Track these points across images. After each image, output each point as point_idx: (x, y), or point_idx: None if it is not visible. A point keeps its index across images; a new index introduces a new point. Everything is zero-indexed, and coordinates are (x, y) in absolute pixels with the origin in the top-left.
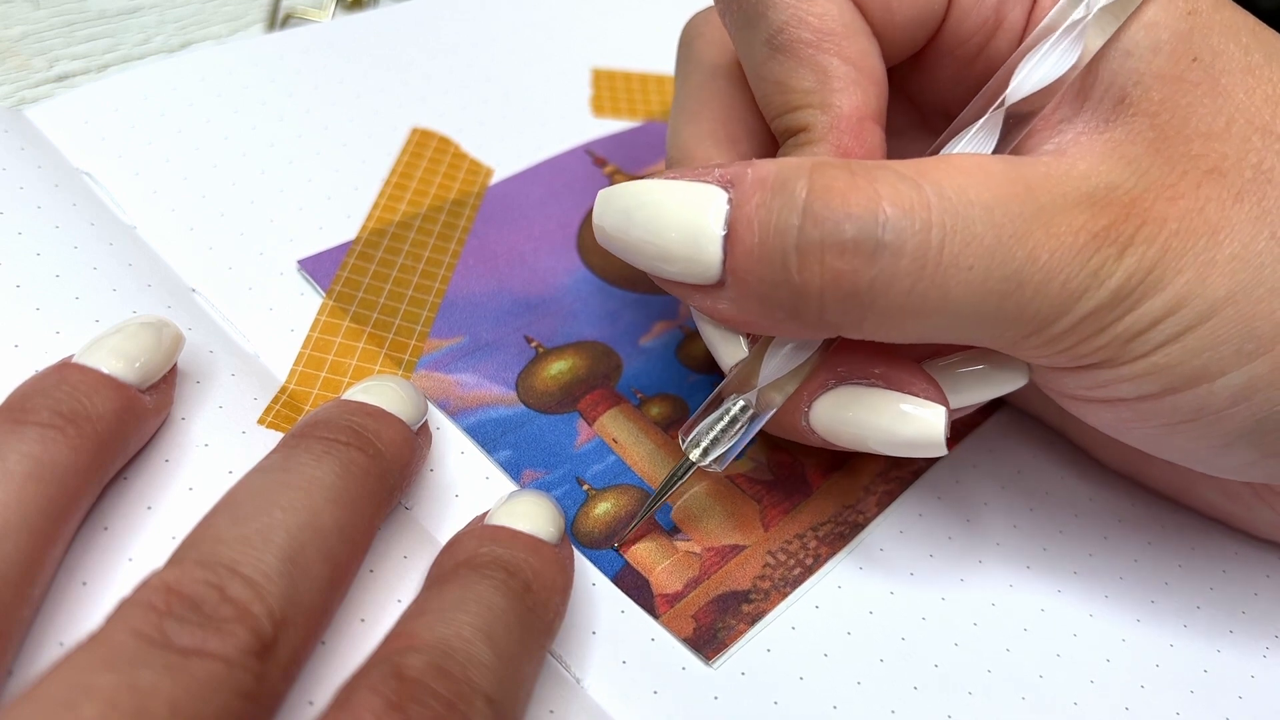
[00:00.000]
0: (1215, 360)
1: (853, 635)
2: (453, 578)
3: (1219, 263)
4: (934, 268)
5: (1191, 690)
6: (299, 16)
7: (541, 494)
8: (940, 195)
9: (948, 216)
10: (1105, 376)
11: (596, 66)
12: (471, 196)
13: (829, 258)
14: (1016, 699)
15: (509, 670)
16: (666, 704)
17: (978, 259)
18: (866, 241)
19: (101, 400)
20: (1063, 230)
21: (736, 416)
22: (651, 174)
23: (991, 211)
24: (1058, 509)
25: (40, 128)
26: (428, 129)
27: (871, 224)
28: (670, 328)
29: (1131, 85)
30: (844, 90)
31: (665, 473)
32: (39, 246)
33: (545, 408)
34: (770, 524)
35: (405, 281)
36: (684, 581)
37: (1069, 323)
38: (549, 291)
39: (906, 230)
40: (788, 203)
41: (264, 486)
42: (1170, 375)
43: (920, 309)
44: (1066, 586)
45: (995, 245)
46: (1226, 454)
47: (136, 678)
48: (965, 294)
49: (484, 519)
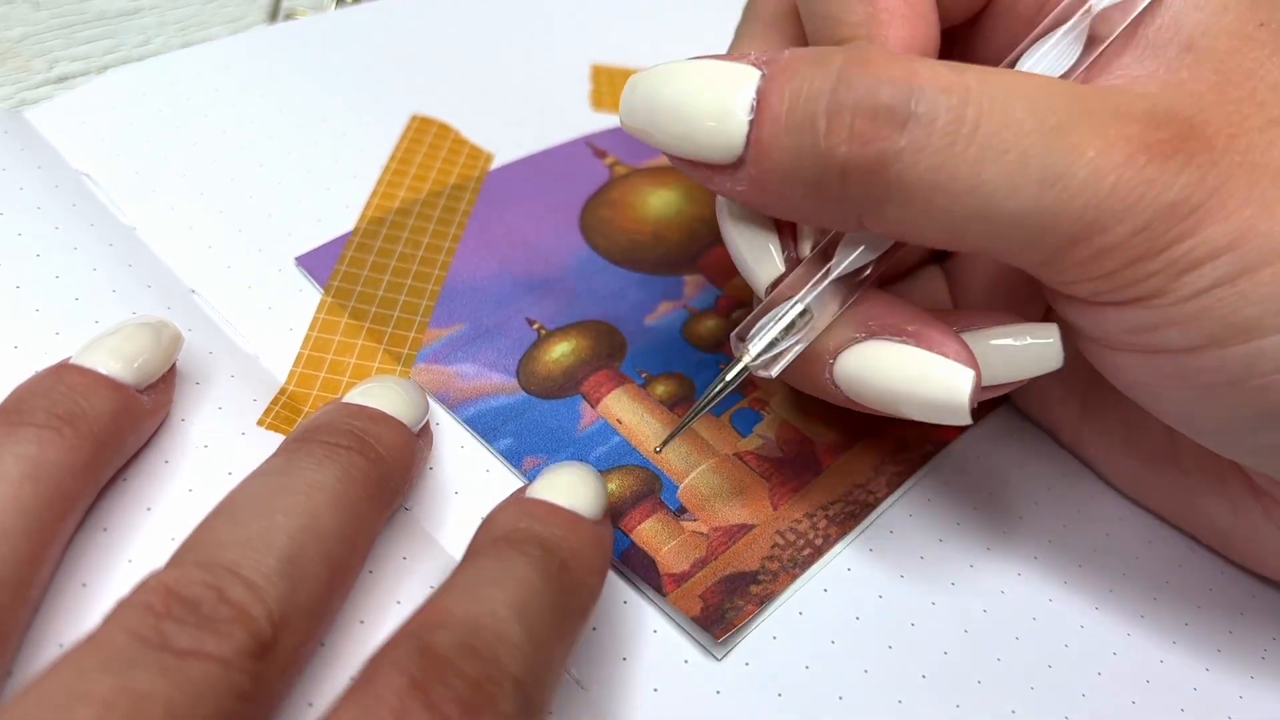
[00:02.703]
0: (1271, 313)
1: (861, 620)
2: (488, 552)
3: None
4: (965, 144)
5: (1207, 669)
6: (299, 17)
7: (585, 466)
8: (982, 81)
9: (986, 99)
10: (1151, 317)
11: (596, 62)
12: (472, 181)
13: (859, 121)
14: (1025, 689)
15: (540, 652)
16: (667, 701)
17: (1015, 142)
18: (900, 109)
19: (99, 400)
20: (1114, 134)
21: (795, 321)
22: (654, 166)
23: (1035, 101)
24: (1073, 493)
25: (40, 129)
26: (427, 116)
27: (905, 92)
28: (675, 307)
29: (1199, 34)
30: (893, 22)
31: (672, 452)
32: (39, 248)
33: (547, 392)
34: (779, 502)
35: (404, 270)
36: (691, 561)
37: (1119, 234)
38: (551, 272)
39: (941, 104)
40: (822, 71)
41: (264, 490)
42: (1220, 323)
43: (949, 188)
44: (1072, 579)
45: (1036, 132)
46: (1258, 432)
47: (132, 680)
48: (1001, 179)
49: (525, 490)
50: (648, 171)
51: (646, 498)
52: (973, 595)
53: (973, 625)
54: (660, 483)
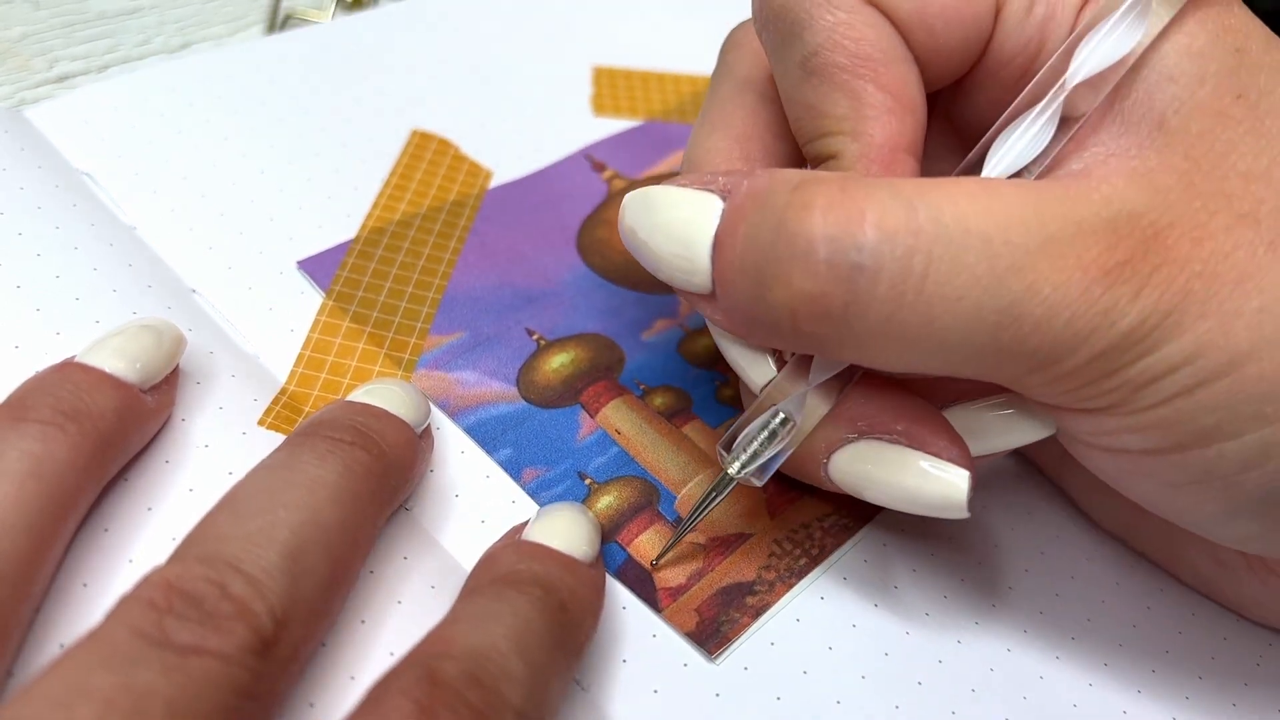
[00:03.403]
0: (1230, 420)
1: (858, 628)
2: (489, 590)
3: (1245, 314)
4: (915, 295)
5: (1200, 677)
6: (299, 17)
7: (579, 508)
8: (934, 220)
9: (937, 244)
10: (1111, 424)
11: (597, 64)
12: (471, 198)
13: (797, 279)
14: (1018, 698)
15: (539, 686)
16: (667, 703)
17: (967, 290)
18: (841, 264)
19: (103, 398)
20: (1071, 264)
21: (776, 430)
22: (653, 175)
23: (990, 242)
24: (1063, 508)
25: (40, 128)
26: (427, 131)
27: (848, 245)
28: (671, 325)
29: (1171, 112)
30: (878, 119)
31: (670, 463)
32: (39, 247)
33: (547, 402)
34: (776, 511)
35: (405, 279)
36: (687, 574)
37: (1075, 363)
38: (550, 285)
39: (886, 255)
40: (767, 217)
41: (267, 485)
42: (1180, 431)
43: (902, 336)
44: (1064, 590)
45: (989, 276)
46: (1229, 522)
47: (134, 677)
48: (954, 324)
49: (520, 532)
50: (645, 184)
51: (645, 509)
52: (967, 605)
53: (966, 636)
54: (658, 494)
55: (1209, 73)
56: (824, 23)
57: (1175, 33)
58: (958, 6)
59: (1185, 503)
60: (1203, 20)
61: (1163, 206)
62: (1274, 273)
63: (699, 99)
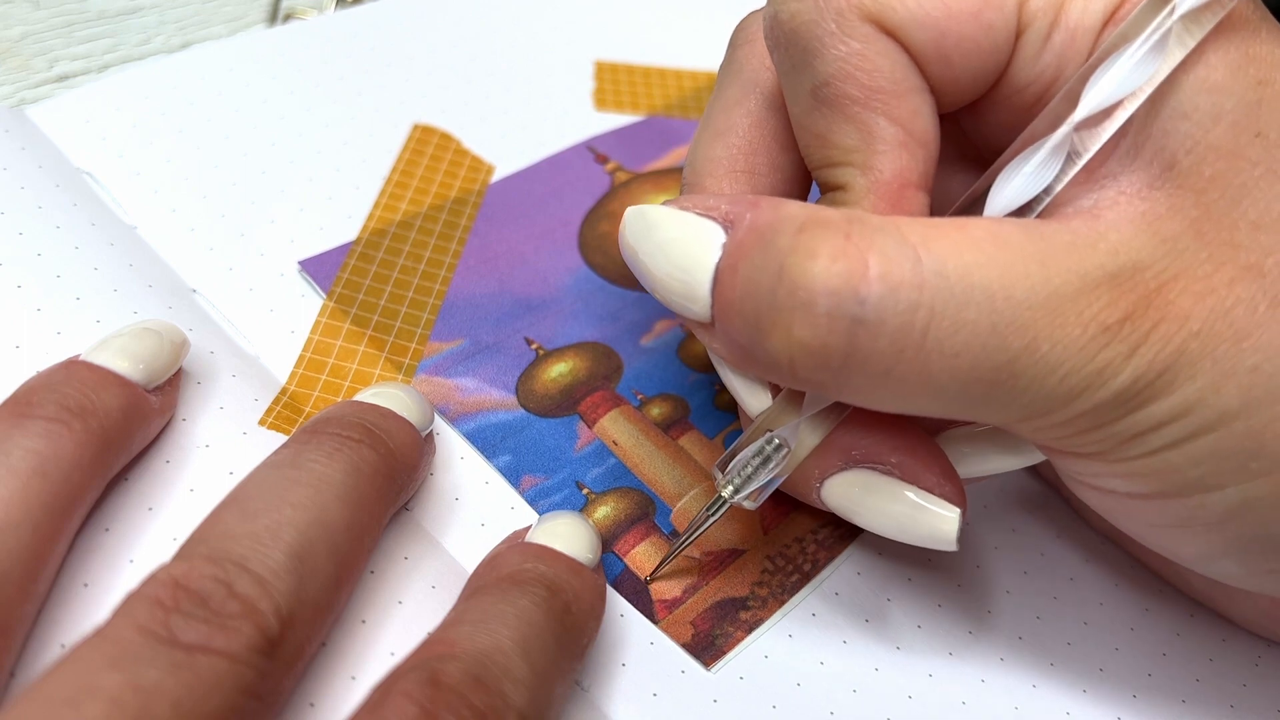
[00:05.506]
0: (1214, 473)
1: (848, 644)
2: (494, 590)
3: (1238, 374)
4: (915, 351)
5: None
6: (299, 16)
7: (579, 516)
8: (938, 273)
9: (940, 298)
10: (1098, 468)
11: (599, 59)
12: (473, 194)
13: (796, 329)
14: (1009, 709)
15: (543, 688)
16: (666, 706)
17: (966, 346)
18: (841, 317)
19: (108, 396)
20: (1070, 321)
21: (770, 455)
22: (656, 169)
23: (992, 298)
24: (1059, 514)
25: (41, 128)
26: (429, 125)
27: (850, 300)
28: (672, 326)
29: (1184, 153)
30: (888, 153)
31: (666, 476)
32: (40, 247)
33: (545, 411)
34: (769, 526)
35: (406, 283)
36: (683, 588)
37: (1065, 416)
38: (550, 291)
39: (889, 310)
40: (769, 260)
41: (274, 483)
42: (1165, 480)
43: (899, 389)
44: (1062, 594)
45: (989, 333)
46: (1211, 562)
47: (141, 676)
48: (950, 379)
49: (521, 536)
50: (649, 177)
51: (641, 521)
52: (958, 618)
53: (959, 648)
54: (654, 506)
55: (1225, 109)
56: (836, 52)
57: (1194, 64)
58: (976, 38)
59: (1168, 541)
60: (1224, 50)
61: (1169, 257)
62: (1271, 330)
63: (701, 94)
